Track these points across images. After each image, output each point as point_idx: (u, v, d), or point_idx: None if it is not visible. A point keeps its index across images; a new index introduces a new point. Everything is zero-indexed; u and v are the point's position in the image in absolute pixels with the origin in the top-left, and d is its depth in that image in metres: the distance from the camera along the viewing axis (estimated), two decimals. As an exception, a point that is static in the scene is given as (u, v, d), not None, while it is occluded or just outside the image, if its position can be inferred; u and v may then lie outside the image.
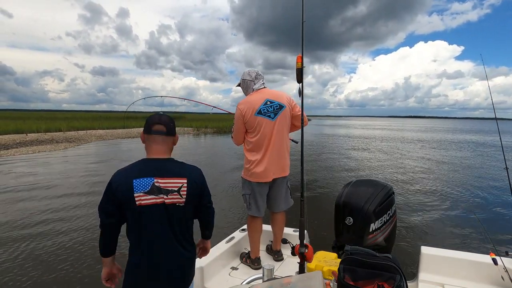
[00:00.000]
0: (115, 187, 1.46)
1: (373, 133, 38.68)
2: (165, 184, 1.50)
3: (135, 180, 1.46)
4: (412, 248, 4.47)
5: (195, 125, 36.58)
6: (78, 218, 5.95)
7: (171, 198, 1.51)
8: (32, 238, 4.96)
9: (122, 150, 17.63)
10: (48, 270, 3.99)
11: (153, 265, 1.52)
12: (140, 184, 1.46)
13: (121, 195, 1.46)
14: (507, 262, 2.17)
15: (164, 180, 1.50)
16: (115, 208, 1.48)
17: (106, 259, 1.58)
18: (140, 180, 1.46)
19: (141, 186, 1.46)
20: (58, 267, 4.05)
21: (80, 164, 12.25)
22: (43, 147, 17.16)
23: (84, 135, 24.80)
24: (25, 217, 5.97)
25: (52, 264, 4.14)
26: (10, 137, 20.74)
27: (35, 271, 3.97)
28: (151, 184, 1.47)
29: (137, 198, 1.45)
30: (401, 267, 1.36)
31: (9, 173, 10.22)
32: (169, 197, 1.50)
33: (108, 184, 1.49)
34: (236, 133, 2.69)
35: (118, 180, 1.48)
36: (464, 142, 26.22)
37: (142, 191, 1.46)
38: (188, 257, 1.62)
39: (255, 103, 2.59)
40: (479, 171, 11.84)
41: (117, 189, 1.46)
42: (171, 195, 1.51)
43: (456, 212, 6.69)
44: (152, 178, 1.48)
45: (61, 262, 4.20)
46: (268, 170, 2.61)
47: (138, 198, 1.45)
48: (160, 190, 1.49)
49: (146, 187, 1.47)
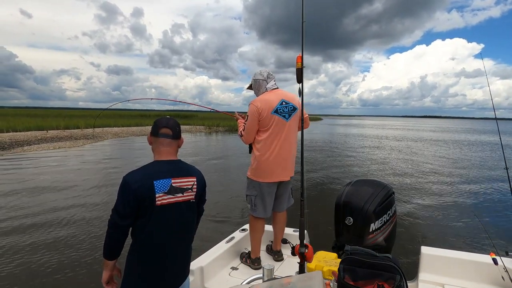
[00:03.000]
0: (135, 188, 1.45)
1: (382, 132, 38.14)
2: (180, 184, 1.58)
3: (155, 181, 1.50)
4: (412, 248, 4.38)
5: (207, 124, 36.42)
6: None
7: (187, 195, 1.60)
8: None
9: (137, 147, 17.77)
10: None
11: (167, 259, 1.57)
12: (160, 185, 1.51)
13: (142, 196, 1.46)
14: (507, 262, 2.11)
15: (179, 179, 1.58)
16: (133, 209, 1.47)
17: (110, 262, 1.55)
18: (160, 182, 1.51)
19: (162, 187, 1.51)
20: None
21: (98, 163, 12.40)
22: (63, 144, 17.46)
23: (101, 132, 25.10)
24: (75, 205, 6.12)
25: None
26: (32, 134, 21.13)
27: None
28: (169, 185, 1.54)
29: (158, 198, 1.50)
30: (401, 267, 1.32)
31: (40, 168, 10.41)
32: (184, 194, 1.59)
33: (125, 186, 1.46)
34: (249, 130, 2.58)
35: (139, 181, 1.47)
36: (477, 143, 25.04)
37: (163, 191, 1.51)
38: (190, 250, 1.74)
39: (272, 101, 2.53)
40: (481, 171, 11.63)
41: (137, 189, 1.45)
42: (186, 193, 1.60)
43: (456, 212, 6.57)
44: (169, 179, 1.54)
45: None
46: (279, 170, 2.57)
47: (160, 198, 1.50)
48: (177, 190, 1.56)
49: (166, 188, 1.52)
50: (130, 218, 1.48)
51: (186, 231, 1.65)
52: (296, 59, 1.74)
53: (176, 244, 1.61)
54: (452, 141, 26.04)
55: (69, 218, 5.67)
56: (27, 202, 6.64)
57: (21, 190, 7.56)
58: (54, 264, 3.98)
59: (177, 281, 1.66)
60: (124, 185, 1.47)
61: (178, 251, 1.63)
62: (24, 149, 15.05)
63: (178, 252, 1.63)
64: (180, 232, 1.61)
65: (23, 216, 5.73)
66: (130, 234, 1.55)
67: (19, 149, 15.01)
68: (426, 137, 30.83)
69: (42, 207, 6.31)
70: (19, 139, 18.20)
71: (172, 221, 1.56)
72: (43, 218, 5.63)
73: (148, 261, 1.53)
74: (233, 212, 6.12)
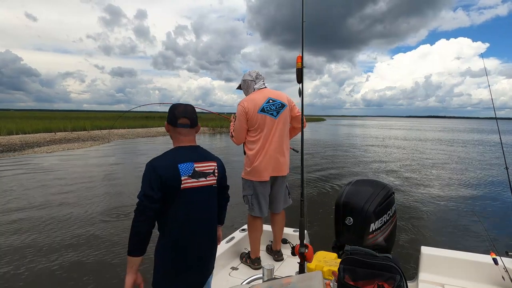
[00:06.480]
0: (161, 171, 1.41)
1: (384, 133, 37.82)
2: (202, 168, 1.55)
3: (180, 164, 1.47)
4: (412, 248, 4.30)
5: (211, 125, 35.76)
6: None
7: (209, 179, 1.58)
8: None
9: (144, 149, 17.82)
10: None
11: (196, 246, 1.53)
12: (185, 168, 1.48)
13: (169, 179, 1.42)
14: (508, 262, 2.08)
15: (202, 164, 1.56)
16: (161, 193, 1.40)
17: (135, 259, 1.39)
18: (184, 165, 1.48)
19: (186, 170, 1.48)
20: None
21: (105, 163, 12.43)
22: (71, 145, 17.55)
23: (107, 134, 25.21)
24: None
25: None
26: (41, 136, 21.28)
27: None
28: (192, 169, 1.50)
29: (183, 181, 1.46)
30: (401, 267, 1.30)
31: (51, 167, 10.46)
32: (207, 179, 1.57)
33: (151, 170, 1.41)
34: (238, 131, 2.57)
35: (164, 165, 1.44)
36: (480, 142, 24.68)
37: (187, 175, 1.48)
38: (217, 240, 1.72)
39: (258, 100, 2.51)
40: (481, 171, 11.51)
41: (164, 173, 1.41)
42: (209, 177, 1.58)
43: (457, 211, 6.49)
44: (192, 163, 1.51)
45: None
46: (269, 167, 2.53)
47: (184, 181, 1.47)
48: (200, 174, 1.53)
49: (189, 171, 1.49)
50: (159, 202, 1.40)
51: (211, 216, 1.62)
52: (296, 59, 1.71)
53: (202, 230, 1.56)
54: (455, 141, 25.84)
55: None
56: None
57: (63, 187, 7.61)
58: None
59: (204, 272, 1.61)
60: (149, 170, 1.42)
61: (204, 240, 1.57)
62: (35, 150, 15.16)
63: (205, 239, 1.58)
64: (205, 217, 1.57)
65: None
66: (157, 228, 1.49)
67: (29, 150, 15.10)
68: (429, 137, 30.62)
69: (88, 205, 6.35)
70: (29, 141, 18.33)
71: (197, 205, 1.52)
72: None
73: (177, 249, 1.47)
74: (233, 212, 6.07)
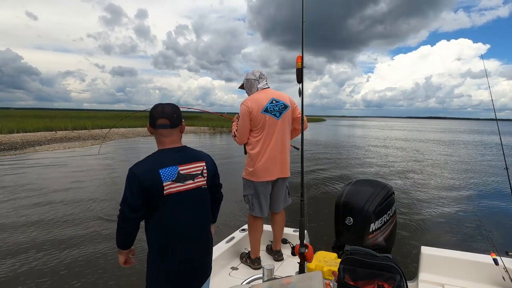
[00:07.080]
0: (142, 178, 1.37)
1: (384, 134, 37.72)
2: (188, 170, 1.49)
3: (161, 170, 1.41)
4: (412, 248, 4.31)
5: (211, 125, 35.80)
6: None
7: (197, 181, 1.51)
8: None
9: (145, 147, 17.81)
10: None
11: (186, 251, 1.49)
12: (166, 173, 1.42)
13: (150, 186, 1.38)
14: (508, 262, 2.07)
15: (187, 166, 1.49)
16: (142, 201, 1.38)
17: (124, 250, 1.51)
18: (166, 170, 1.42)
19: (168, 175, 1.42)
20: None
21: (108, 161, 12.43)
22: (71, 144, 17.53)
23: (108, 133, 25.19)
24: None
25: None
26: (42, 134, 21.26)
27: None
28: (176, 172, 1.44)
29: (166, 187, 1.41)
30: (401, 267, 1.31)
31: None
32: (195, 181, 1.50)
33: (132, 177, 1.38)
34: (241, 131, 2.54)
35: (144, 171, 1.39)
36: (481, 144, 24.52)
37: (170, 179, 1.42)
38: (211, 243, 1.65)
39: (261, 100, 2.50)
40: (482, 171, 11.50)
41: (144, 179, 1.37)
42: (197, 179, 1.51)
43: (457, 211, 6.48)
44: (176, 167, 1.45)
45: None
46: (272, 168, 2.52)
47: (167, 186, 1.41)
48: (186, 177, 1.47)
49: (173, 176, 1.43)
50: (141, 210, 1.39)
51: (202, 219, 1.56)
52: (296, 59, 1.70)
53: (193, 234, 1.51)
54: (455, 142, 25.80)
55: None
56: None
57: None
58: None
59: (200, 276, 1.57)
60: (130, 176, 1.39)
61: (196, 244, 1.53)
62: (36, 149, 15.14)
63: (196, 244, 1.53)
64: (196, 221, 1.52)
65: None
66: (145, 230, 1.48)
67: (31, 149, 15.10)
68: (430, 138, 30.56)
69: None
70: (30, 139, 18.31)
71: (185, 210, 1.46)
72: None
73: (167, 255, 1.45)
74: (233, 212, 6.07)
